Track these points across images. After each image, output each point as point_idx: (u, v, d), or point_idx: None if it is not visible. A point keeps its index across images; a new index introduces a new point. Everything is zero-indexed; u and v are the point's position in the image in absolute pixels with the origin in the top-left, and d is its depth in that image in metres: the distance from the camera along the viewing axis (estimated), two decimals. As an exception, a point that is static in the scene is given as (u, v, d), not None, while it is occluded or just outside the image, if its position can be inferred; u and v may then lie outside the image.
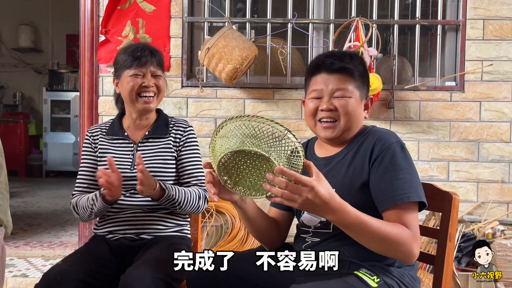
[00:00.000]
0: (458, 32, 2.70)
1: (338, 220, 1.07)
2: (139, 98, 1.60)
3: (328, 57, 1.29)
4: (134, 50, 1.58)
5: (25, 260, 2.73)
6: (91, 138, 1.70)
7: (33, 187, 5.38)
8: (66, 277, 1.33)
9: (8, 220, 1.72)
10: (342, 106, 1.25)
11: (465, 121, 2.66)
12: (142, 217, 1.61)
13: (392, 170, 1.18)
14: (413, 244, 1.12)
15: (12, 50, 6.75)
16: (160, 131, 1.67)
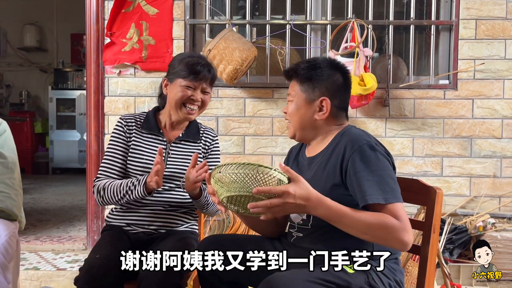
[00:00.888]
0: (451, 32, 2.79)
1: (323, 213, 1.18)
2: (183, 108, 1.69)
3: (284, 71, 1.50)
4: (195, 64, 1.67)
5: (36, 254, 2.85)
6: (125, 127, 1.75)
7: (40, 184, 5.51)
8: (108, 271, 1.42)
9: (21, 215, 1.84)
10: (287, 108, 1.45)
11: (458, 118, 2.75)
12: (162, 214, 1.71)
13: (363, 170, 1.26)
14: (400, 231, 1.20)
15: (18, 50, 6.87)
16: (193, 135, 1.78)
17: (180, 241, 1.63)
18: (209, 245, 1.45)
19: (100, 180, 1.70)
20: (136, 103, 2.82)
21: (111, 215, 1.78)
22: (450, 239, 2.47)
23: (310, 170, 1.41)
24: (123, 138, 1.74)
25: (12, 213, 1.75)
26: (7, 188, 1.74)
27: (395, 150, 2.76)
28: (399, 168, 2.75)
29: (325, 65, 1.42)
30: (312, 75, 1.40)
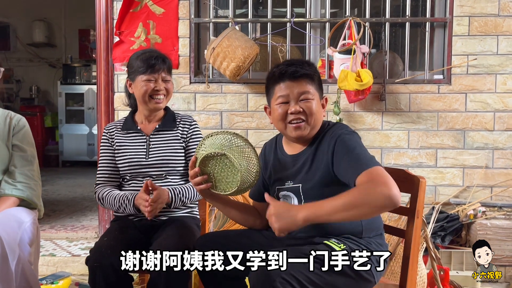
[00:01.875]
0: (445, 28, 2.90)
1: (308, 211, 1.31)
2: (151, 100, 1.85)
3: (290, 65, 1.47)
4: (149, 58, 1.83)
5: (51, 241, 3.02)
6: (108, 135, 1.96)
7: (51, 177, 5.69)
8: (114, 250, 1.56)
9: (40, 204, 1.99)
10: (308, 107, 1.45)
11: (452, 111, 2.87)
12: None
13: (347, 153, 1.39)
14: (376, 186, 1.25)
15: (27, 45, 7.01)
16: (169, 124, 1.93)
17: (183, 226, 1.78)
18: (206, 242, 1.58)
19: (99, 187, 1.91)
20: (144, 98, 2.96)
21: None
22: (442, 227, 2.60)
23: (295, 166, 1.52)
24: (108, 144, 1.95)
25: (32, 202, 1.90)
26: (27, 179, 1.89)
27: (391, 143, 2.89)
28: (395, 160, 2.89)
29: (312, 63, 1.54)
30: (319, 75, 1.51)
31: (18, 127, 1.93)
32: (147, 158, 1.87)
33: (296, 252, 1.30)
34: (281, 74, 1.47)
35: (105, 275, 1.56)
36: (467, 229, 2.70)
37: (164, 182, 1.87)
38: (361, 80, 2.61)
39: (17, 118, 1.96)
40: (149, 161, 1.86)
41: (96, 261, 1.58)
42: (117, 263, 1.53)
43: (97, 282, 1.57)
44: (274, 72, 1.51)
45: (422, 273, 2.05)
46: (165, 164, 1.86)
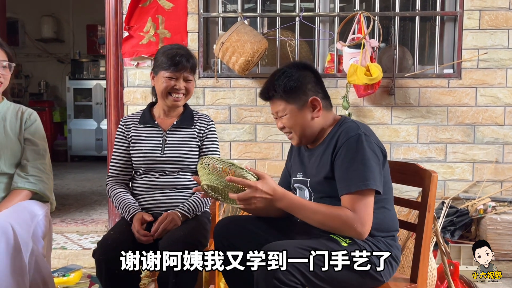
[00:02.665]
0: (456, 22, 2.88)
1: (285, 206, 1.36)
2: (170, 96, 1.85)
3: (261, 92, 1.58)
4: (174, 56, 1.81)
5: (62, 235, 3.05)
6: (124, 127, 1.96)
7: (60, 171, 5.74)
8: (120, 244, 1.59)
9: (52, 197, 2.01)
10: (286, 122, 1.53)
11: (462, 106, 2.86)
12: (171, 196, 1.87)
13: (347, 162, 1.39)
14: (355, 224, 1.34)
15: (36, 41, 7.05)
16: (187, 122, 1.93)
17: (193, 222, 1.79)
18: (226, 223, 1.62)
19: (110, 180, 1.93)
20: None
21: None
22: (451, 221, 2.59)
23: (310, 161, 1.55)
24: (123, 138, 1.94)
25: (44, 195, 1.92)
26: (39, 172, 1.91)
27: (400, 137, 2.88)
28: (404, 154, 2.88)
29: (294, 70, 1.52)
30: (291, 86, 1.49)
31: (29, 121, 1.95)
32: (162, 153, 1.87)
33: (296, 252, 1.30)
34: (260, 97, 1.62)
35: (111, 268, 1.57)
36: (476, 224, 2.69)
37: (176, 178, 1.87)
38: (370, 75, 2.60)
39: (29, 112, 1.98)
40: (164, 157, 1.86)
41: (102, 254, 1.59)
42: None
43: (103, 275, 1.60)
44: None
45: (432, 268, 2.05)
46: (180, 161, 1.87)
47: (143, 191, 1.89)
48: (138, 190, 1.90)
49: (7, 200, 1.82)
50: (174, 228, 1.72)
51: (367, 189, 1.37)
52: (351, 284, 1.38)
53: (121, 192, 1.87)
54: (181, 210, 1.80)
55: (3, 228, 1.62)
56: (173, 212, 1.77)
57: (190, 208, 1.82)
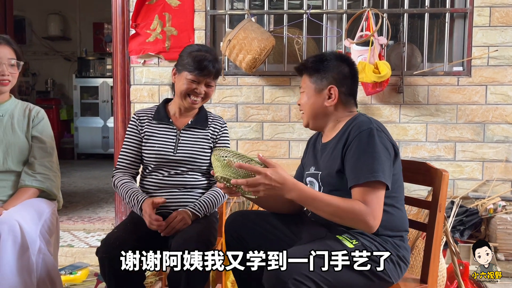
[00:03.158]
0: (465, 19, 2.84)
1: (296, 197, 1.33)
2: (188, 98, 1.83)
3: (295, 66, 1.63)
4: (201, 60, 1.77)
5: (69, 232, 3.06)
6: (137, 121, 1.92)
7: (67, 169, 5.75)
8: (123, 242, 1.58)
9: (60, 195, 2.01)
10: (301, 100, 1.59)
11: (472, 104, 2.82)
12: (179, 196, 1.85)
13: (357, 154, 1.38)
14: (367, 217, 1.32)
15: (43, 39, 7.08)
16: (201, 123, 1.91)
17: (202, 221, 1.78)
18: (237, 216, 1.63)
19: (118, 172, 1.89)
20: (160, 91, 2.97)
21: None
22: (461, 221, 2.56)
23: (322, 155, 1.55)
24: (135, 131, 1.91)
25: (52, 193, 1.92)
26: (46, 170, 1.91)
27: (409, 136, 2.85)
28: (413, 153, 2.85)
29: (332, 57, 1.54)
30: (319, 67, 1.53)
31: (37, 119, 1.95)
32: (174, 152, 1.85)
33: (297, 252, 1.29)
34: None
35: (114, 267, 1.55)
36: (486, 224, 2.66)
37: (186, 178, 1.86)
38: (379, 72, 2.57)
39: (36, 110, 1.98)
40: (176, 156, 1.84)
41: (104, 252, 1.58)
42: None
43: (107, 273, 1.59)
44: None
45: (441, 268, 2.03)
46: (191, 161, 1.85)
47: (152, 189, 1.87)
48: (147, 188, 1.88)
49: (14, 198, 1.82)
50: (184, 227, 1.70)
51: (376, 182, 1.35)
52: (360, 286, 1.37)
53: (128, 182, 1.84)
54: (192, 209, 1.78)
55: (11, 226, 1.62)
56: (184, 211, 1.76)
57: (201, 208, 1.80)
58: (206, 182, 1.92)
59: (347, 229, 1.44)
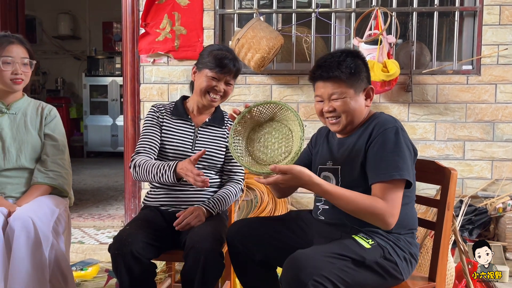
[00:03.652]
0: (475, 17, 2.83)
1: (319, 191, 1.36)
2: (207, 96, 1.85)
3: (319, 68, 1.50)
4: (222, 58, 1.81)
5: (79, 229, 3.10)
6: (157, 113, 1.93)
7: (77, 167, 5.82)
8: (135, 239, 1.60)
9: (71, 193, 2.04)
10: (339, 106, 1.48)
11: (481, 103, 2.81)
12: (192, 194, 1.87)
13: (382, 151, 1.39)
14: (385, 214, 1.34)
15: (53, 38, 7.16)
16: (218, 121, 1.93)
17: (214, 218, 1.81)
18: (239, 227, 1.62)
19: (138, 155, 1.83)
20: (169, 90, 2.99)
21: (147, 196, 1.96)
22: (469, 220, 2.56)
23: (339, 150, 1.54)
24: (157, 121, 1.91)
25: (63, 190, 1.95)
26: (58, 167, 1.94)
27: (418, 134, 2.85)
28: (421, 152, 2.84)
29: (352, 56, 1.50)
30: (355, 70, 1.48)
31: (49, 117, 1.98)
32: (192, 149, 1.87)
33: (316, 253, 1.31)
34: (313, 75, 1.53)
35: (126, 263, 1.58)
36: (495, 223, 2.65)
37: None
38: (387, 71, 2.57)
39: (49, 108, 2.01)
40: (194, 152, 1.86)
41: (116, 249, 1.60)
42: (138, 251, 1.58)
43: (119, 270, 1.60)
44: (310, 71, 1.55)
45: (450, 266, 2.03)
46: (208, 158, 1.87)
47: (166, 186, 1.89)
48: (160, 185, 1.90)
49: (27, 195, 1.85)
50: (198, 224, 1.72)
51: (399, 180, 1.37)
52: (374, 286, 1.39)
53: (151, 160, 1.81)
54: (207, 206, 1.80)
55: (24, 222, 1.65)
56: (199, 208, 1.77)
57: (215, 205, 1.82)
58: (219, 180, 1.94)
59: (360, 227, 1.45)
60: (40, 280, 1.66)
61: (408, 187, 1.41)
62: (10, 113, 1.91)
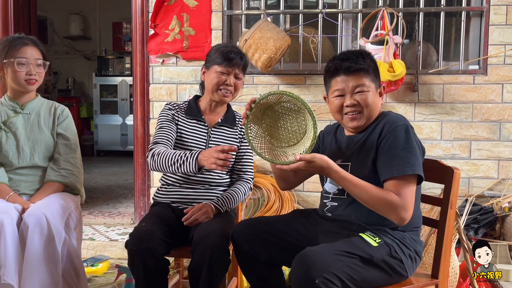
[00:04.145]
0: (482, 17, 2.84)
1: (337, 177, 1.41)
2: (219, 91, 1.89)
3: (345, 60, 1.50)
4: (229, 52, 1.87)
5: (90, 226, 3.16)
6: (172, 111, 1.96)
7: (87, 165, 5.90)
8: (152, 235, 1.64)
9: (82, 190, 2.10)
10: (363, 99, 1.50)
11: (488, 102, 2.82)
12: (203, 192, 1.92)
13: (394, 148, 1.42)
14: (400, 209, 1.37)
15: (64, 38, 7.26)
16: (230, 122, 1.98)
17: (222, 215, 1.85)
18: (244, 228, 1.66)
19: (157, 145, 1.84)
20: (178, 90, 3.04)
21: (158, 193, 2.00)
22: (475, 219, 2.57)
23: (349, 147, 1.57)
24: (171, 117, 1.95)
25: (75, 187, 2.01)
26: (70, 166, 2.00)
27: (424, 134, 2.86)
28: (428, 151, 2.86)
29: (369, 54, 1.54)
30: (374, 66, 1.53)
31: (62, 117, 2.04)
32: (206, 148, 1.91)
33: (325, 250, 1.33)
34: (336, 69, 1.52)
35: (142, 259, 1.63)
36: (501, 222, 2.66)
37: (211, 175, 1.92)
38: (393, 71, 2.59)
39: (61, 108, 2.07)
40: None
41: (134, 245, 1.64)
42: (154, 247, 1.63)
43: (135, 265, 1.65)
44: (330, 66, 1.55)
45: (454, 265, 2.05)
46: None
47: (177, 184, 1.93)
48: (172, 182, 1.94)
49: (41, 192, 1.91)
50: (206, 221, 1.76)
51: (411, 176, 1.40)
52: (380, 283, 1.42)
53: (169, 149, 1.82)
54: (215, 203, 1.84)
55: (38, 218, 1.71)
56: (208, 205, 1.82)
57: (223, 203, 1.86)
58: (229, 180, 1.99)
59: (368, 225, 1.48)
60: (53, 274, 1.72)
61: (419, 183, 1.44)
62: (24, 113, 1.97)
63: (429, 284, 1.54)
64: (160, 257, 1.66)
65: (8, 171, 1.92)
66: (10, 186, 1.90)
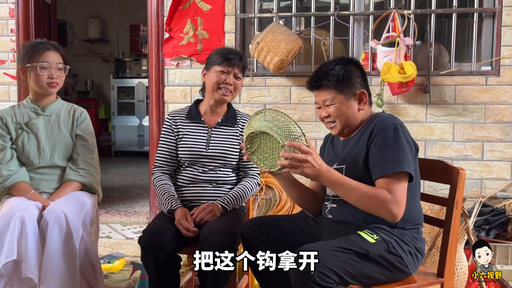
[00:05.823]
0: (494, 19, 2.83)
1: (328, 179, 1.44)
2: (219, 90, 1.96)
3: (311, 78, 1.64)
4: (228, 53, 1.97)
5: (107, 225, 3.25)
6: (171, 121, 2.06)
7: (105, 166, 6.01)
8: (164, 232, 1.72)
9: (99, 190, 2.18)
10: (332, 112, 1.60)
11: (500, 103, 2.81)
12: (211, 191, 1.98)
13: (383, 147, 1.47)
14: (391, 205, 1.41)
15: (83, 41, 7.42)
16: (231, 120, 2.04)
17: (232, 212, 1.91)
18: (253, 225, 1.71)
19: (157, 170, 2.02)
20: (192, 92, 3.11)
21: None
22: (486, 220, 2.57)
23: (344, 150, 1.63)
24: (170, 131, 2.04)
25: (92, 187, 2.09)
26: (88, 166, 2.08)
27: (435, 135, 2.87)
28: (439, 152, 2.87)
29: (343, 63, 1.60)
30: (343, 77, 1.58)
31: (80, 118, 2.12)
32: (207, 149, 1.98)
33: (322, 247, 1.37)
34: (307, 86, 1.68)
35: (155, 254, 1.70)
36: (513, 224, 2.65)
37: (217, 173, 1.98)
38: (404, 73, 2.61)
39: (80, 110, 2.15)
40: (208, 152, 1.97)
41: (147, 241, 1.72)
42: (166, 243, 1.70)
43: (148, 260, 1.72)
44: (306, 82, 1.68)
45: (463, 265, 2.06)
46: (222, 157, 1.98)
47: (186, 184, 2.00)
48: (181, 182, 2.01)
49: (60, 191, 2.00)
50: (212, 219, 1.82)
51: (401, 173, 1.44)
52: (380, 279, 1.45)
53: (166, 185, 1.96)
54: (221, 202, 1.90)
55: (57, 215, 1.79)
56: (214, 204, 1.88)
57: (230, 201, 1.92)
58: (235, 178, 2.04)
59: (366, 224, 1.52)
60: (71, 269, 1.80)
61: (410, 180, 1.48)
62: (45, 115, 2.06)
63: (435, 282, 1.56)
64: (171, 252, 1.72)
65: (29, 170, 2.01)
66: (31, 184, 1.99)
